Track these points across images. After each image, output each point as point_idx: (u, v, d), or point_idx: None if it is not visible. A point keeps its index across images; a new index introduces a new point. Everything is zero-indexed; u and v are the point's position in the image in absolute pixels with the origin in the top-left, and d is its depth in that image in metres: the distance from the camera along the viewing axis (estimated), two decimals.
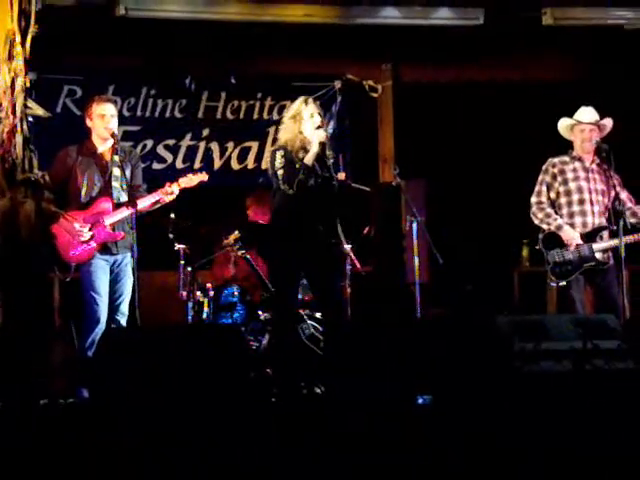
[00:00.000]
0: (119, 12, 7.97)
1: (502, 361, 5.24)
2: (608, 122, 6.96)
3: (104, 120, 6.64)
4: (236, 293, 7.57)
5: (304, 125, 6.11)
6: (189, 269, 7.45)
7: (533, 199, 6.97)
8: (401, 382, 5.25)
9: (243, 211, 8.04)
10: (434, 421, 4.70)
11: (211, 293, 7.51)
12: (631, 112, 8.82)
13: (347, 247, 7.53)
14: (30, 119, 6.32)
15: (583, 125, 6.92)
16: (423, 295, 7.30)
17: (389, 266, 9.02)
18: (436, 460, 4.22)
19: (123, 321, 6.66)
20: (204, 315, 7.48)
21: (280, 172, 6.09)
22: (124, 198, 6.65)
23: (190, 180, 6.87)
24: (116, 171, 6.67)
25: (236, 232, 7.44)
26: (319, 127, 6.09)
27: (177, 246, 7.40)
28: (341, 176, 6.64)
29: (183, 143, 9.14)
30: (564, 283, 6.82)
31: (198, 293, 7.47)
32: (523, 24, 8.61)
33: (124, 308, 6.67)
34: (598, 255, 6.80)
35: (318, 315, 7.22)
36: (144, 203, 6.64)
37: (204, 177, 6.95)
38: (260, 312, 7.43)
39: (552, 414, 4.69)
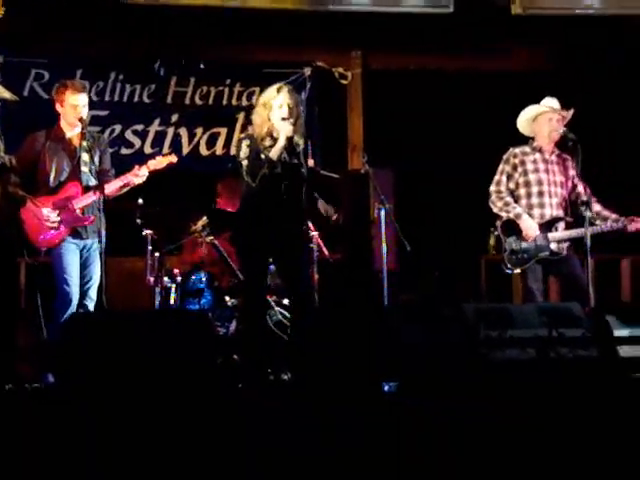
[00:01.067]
0: None
1: (467, 348, 5.27)
2: (571, 112, 7.02)
3: (76, 110, 6.64)
4: (204, 279, 7.57)
5: (272, 114, 6.10)
6: (157, 255, 7.44)
7: (492, 188, 7.02)
8: (367, 369, 5.27)
9: (213, 197, 8.03)
10: (400, 408, 4.72)
11: (178, 279, 7.51)
12: (598, 101, 8.91)
13: (315, 234, 7.55)
14: None
15: (551, 114, 6.96)
16: (391, 282, 7.33)
17: (357, 253, 9.04)
18: (401, 447, 4.24)
19: (91, 306, 6.65)
20: (171, 301, 7.48)
21: (244, 163, 6.08)
22: (93, 183, 6.67)
23: (159, 162, 6.86)
24: (85, 156, 6.68)
25: (204, 218, 7.43)
26: (285, 119, 6.07)
27: (145, 232, 7.39)
28: (310, 163, 6.63)
29: (151, 128, 9.11)
30: (518, 271, 6.89)
31: (165, 279, 7.46)
32: (492, 13, 8.63)
33: (92, 293, 6.68)
34: (553, 245, 6.86)
35: (285, 302, 7.24)
36: (112, 187, 6.64)
37: (173, 159, 6.95)
38: (227, 298, 7.43)
39: (517, 401, 4.72)
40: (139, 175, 6.71)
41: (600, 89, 9.08)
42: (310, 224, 7.13)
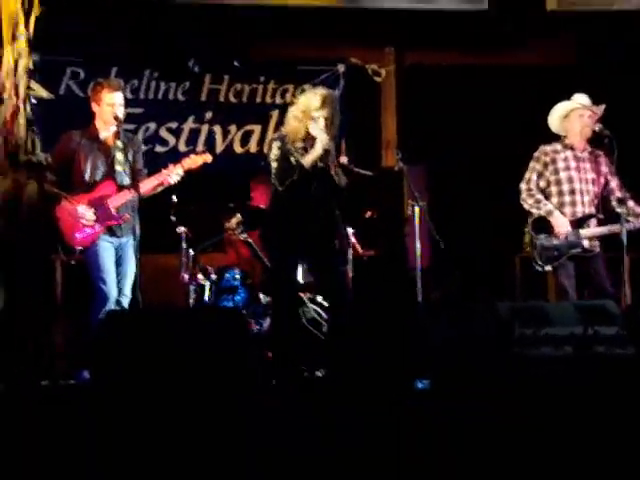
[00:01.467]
0: None
1: (502, 346, 5.26)
2: (602, 108, 6.99)
3: (114, 109, 6.66)
4: (238, 276, 7.58)
5: (311, 124, 6.04)
6: (191, 252, 7.46)
7: (523, 186, 7.02)
8: (401, 366, 5.26)
9: (246, 194, 8.04)
10: (433, 406, 4.72)
11: (213, 276, 7.53)
12: (634, 96, 8.86)
13: (350, 231, 7.55)
14: (33, 101, 6.33)
15: (582, 110, 6.93)
16: (425, 280, 7.32)
17: (391, 251, 9.03)
18: (435, 445, 4.24)
19: (126, 303, 6.68)
20: (206, 298, 7.50)
21: (274, 165, 6.05)
22: (127, 182, 6.70)
23: (194, 161, 6.87)
24: (119, 155, 6.72)
25: (238, 215, 7.45)
26: (323, 130, 6.00)
27: (179, 229, 7.42)
28: (343, 160, 6.62)
29: (186, 126, 9.14)
30: (550, 268, 6.88)
31: (200, 276, 7.48)
32: (527, 8, 8.60)
33: (127, 290, 6.71)
34: (585, 242, 6.84)
35: (319, 299, 7.24)
36: (147, 186, 6.67)
37: (208, 158, 6.95)
38: (262, 295, 7.44)
39: (552, 400, 4.70)
40: (173, 174, 6.73)
41: (628, 84, 9.04)
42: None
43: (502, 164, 8.93)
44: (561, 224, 6.85)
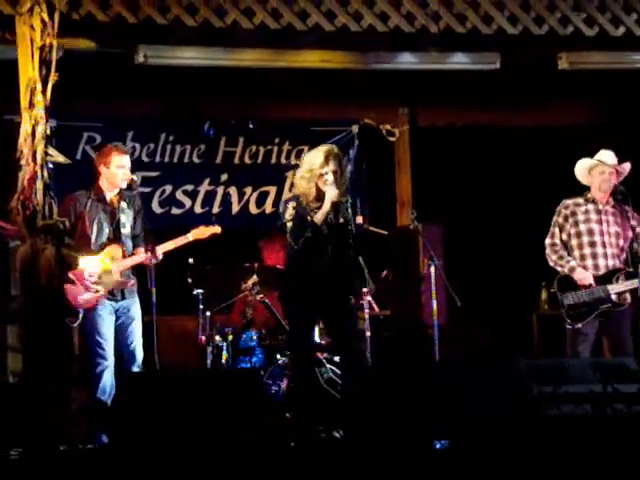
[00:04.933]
0: (138, 60, 8.04)
1: (521, 405, 5.23)
2: (627, 166, 6.98)
3: (124, 171, 6.77)
4: (255, 337, 7.58)
5: (319, 181, 6.11)
6: (208, 313, 7.47)
7: (547, 241, 7.02)
8: (419, 426, 5.24)
9: (259, 255, 8.08)
10: (452, 466, 4.69)
11: (230, 337, 7.53)
12: None
13: (366, 290, 7.55)
14: (50, 166, 6.39)
15: (603, 167, 6.93)
16: (442, 338, 7.30)
17: (407, 309, 9.02)
18: None
19: (138, 364, 6.68)
20: (223, 360, 7.50)
21: (289, 225, 6.12)
22: (130, 246, 6.82)
23: (202, 232, 7.00)
24: (123, 218, 6.82)
25: (254, 277, 7.47)
26: (334, 185, 6.07)
27: (196, 291, 7.45)
28: (359, 220, 6.66)
29: (202, 188, 9.17)
30: (580, 325, 6.80)
31: (217, 337, 7.49)
32: (539, 68, 8.64)
33: (138, 354, 6.74)
34: (614, 297, 6.79)
35: (337, 359, 7.23)
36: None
37: (217, 229, 7.08)
38: (279, 356, 7.43)
39: (572, 458, 4.67)
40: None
41: None
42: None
43: (517, 223, 8.95)
44: (583, 277, 6.81)
